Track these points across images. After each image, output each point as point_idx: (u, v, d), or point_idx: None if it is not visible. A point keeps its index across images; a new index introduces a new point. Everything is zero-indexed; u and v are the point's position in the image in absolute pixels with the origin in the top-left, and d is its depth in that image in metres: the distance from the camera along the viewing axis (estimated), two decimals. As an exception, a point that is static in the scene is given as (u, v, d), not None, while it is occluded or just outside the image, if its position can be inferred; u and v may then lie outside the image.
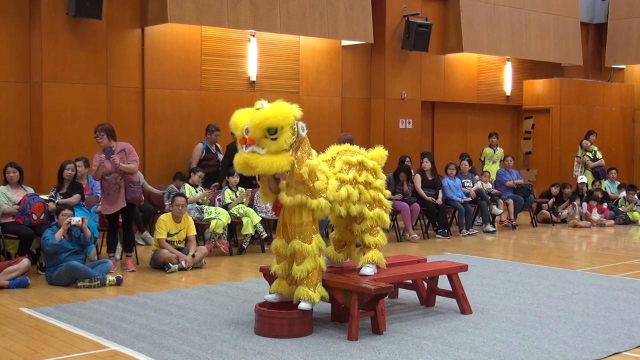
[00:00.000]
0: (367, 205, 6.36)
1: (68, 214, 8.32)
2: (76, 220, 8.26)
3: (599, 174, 15.27)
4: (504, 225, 13.69)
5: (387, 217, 6.49)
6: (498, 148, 15.03)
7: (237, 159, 5.90)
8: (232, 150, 9.95)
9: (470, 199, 12.88)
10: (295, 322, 5.96)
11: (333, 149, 6.53)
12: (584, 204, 14.24)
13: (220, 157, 11.35)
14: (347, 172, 6.26)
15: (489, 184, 13.74)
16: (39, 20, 10.50)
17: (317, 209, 5.97)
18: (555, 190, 14.66)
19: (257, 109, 5.90)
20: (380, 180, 6.52)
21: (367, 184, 6.39)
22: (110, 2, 11.11)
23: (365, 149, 6.66)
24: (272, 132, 5.74)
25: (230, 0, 11.56)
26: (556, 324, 6.47)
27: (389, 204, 6.55)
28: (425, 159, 12.61)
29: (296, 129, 5.89)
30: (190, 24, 11.69)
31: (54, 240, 8.13)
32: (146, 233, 10.79)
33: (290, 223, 6.04)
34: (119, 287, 8.07)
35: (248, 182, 10.73)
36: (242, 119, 5.94)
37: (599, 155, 15.35)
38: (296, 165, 5.90)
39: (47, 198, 9.22)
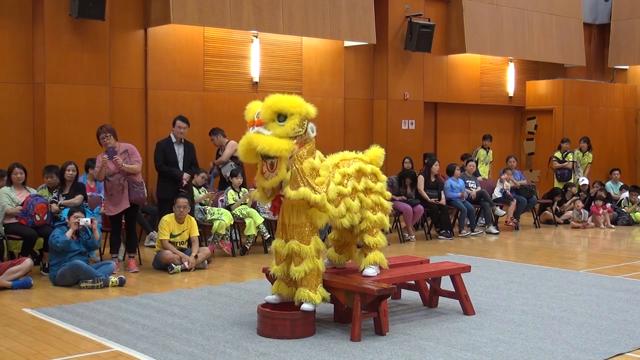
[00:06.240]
0: (370, 209, 6.37)
1: (79, 215, 8.34)
2: (84, 221, 8.27)
3: (564, 176, 15.23)
4: (511, 225, 13.60)
5: (387, 221, 6.51)
6: (490, 150, 15.13)
7: (242, 140, 5.94)
8: (162, 145, 9.81)
9: (464, 198, 12.83)
10: (297, 323, 5.96)
11: (335, 157, 6.49)
12: (584, 210, 14.25)
13: (220, 158, 11.33)
14: (345, 185, 6.23)
15: (510, 183, 13.69)
16: (41, 21, 10.52)
17: (318, 204, 5.93)
18: (557, 198, 14.68)
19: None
20: (381, 183, 6.51)
21: (368, 190, 6.39)
22: (113, 3, 11.12)
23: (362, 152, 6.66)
24: (282, 118, 5.82)
25: (232, 1, 11.57)
26: (559, 325, 6.47)
27: (389, 205, 6.55)
28: (437, 162, 12.65)
29: (306, 126, 5.92)
30: (193, 25, 11.70)
31: (65, 237, 8.14)
32: (152, 233, 10.75)
33: (289, 223, 6.04)
34: (122, 287, 8.08)
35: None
36: (257, 106, 6.03)
37: (569, 157, 15.29)
38: (298, 161, 5.91)
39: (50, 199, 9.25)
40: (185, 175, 9.69)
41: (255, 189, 6.32)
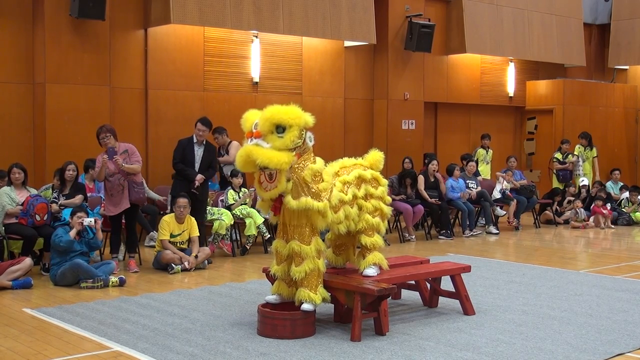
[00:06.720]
0: (369, 214, 6.38)
1: (82, 215, 8.35)
2: (88, 221, 8.29)
3: (566, 177, 15.21)
4: (513, 225, 13.59)
5: (383, 226, 6.53)
6: (489, 149, 15.15)
7: (240, 151, 5.93)
8: (183, 144, 9.82)
9: (466, 199, 12.82)
10: (297, 323, 5.96)
11: (335, 165, 6.48)
12: (582, 210, 14.26)
13: (226, 157, 11.32)
14: (346, 192, 6.23)
15: (510, 184, 13.67)
16: (42, 21, 10.52)
17: (320, 212, 5.95)
18: (557, 198, 14.69)
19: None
20: (382, 188, 6.51)
21: (368, 196, 6.40)
22: (113, 3, 11.12)
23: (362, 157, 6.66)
24: (280, 130, 5.79)
25: (233, 2, 11.57)
26: (559, 325, 6.47)
27: (389, 210, 6.56)
28: (435, 161, 12.65)
29: (304, 136, 5.91)
30: (193, 25, 11.70)
31: (68, 237, 8.15)
32: (152, 233, 10.75)
33: (289, 224, 6.05)
34: (122, 287, 8.08)
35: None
36: (254, 116, 5.98)
37: (569, 159, 15.27)
38: (298, 170, 5.91)
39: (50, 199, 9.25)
40: (199, 177, 9.66)
41: (255, 189, 6.31)
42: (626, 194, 14.98)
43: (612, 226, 14.12)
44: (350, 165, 6.48)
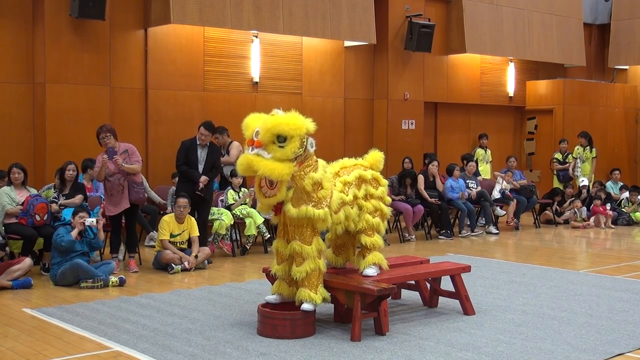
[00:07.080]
0: (369, 214, 6.39)
1: (84, 215, 8.35)
2: (90, 221, 8.30)
3: (566, 177, 15.22)
4: (511, 225, 13.59)
5: (383, 227, 6.54)
6: (488, 149, 15.17)
7: (241, 160, 5.94)
8: (186, 145, 9.86)
9: (464, 199, 12.81)
10: (297, 323, 5.96)
11: (335, 166, 6.50)
12: (584, 209, 14.26)
13: (227, 158, 11.32)
14: (347, 193, 6.25)
15: (510, 184, 13.67)
16: (42, 21, 10.52)
17: (321, 219, 5.96)
18: (557, 198, 14.69)
19: (271, 115, 5.95)
20: (382, 188, 6.52)
21: (369, 196, 6.41)
22: (113, 3, 11.12)
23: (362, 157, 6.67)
24: (281, 139, 5.78)
25: (233, 1, 11.57)
26: (559, 325, 6.47)
27: (388, 211, 6.57)
28: (435, 162, 12.64)
29: (305, 143, 5.91)
30: (193, 25, 11.70)
31: (70, 237, 8.15)
32: (152, 233, 10.76)
33: (290, 224, 6.05)
34: (122, 287, 8.08)
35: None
36: (255, 121, 5.96)
37: (569, 159, 15.29)
38: (299, 179, 5.90)
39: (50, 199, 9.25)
40: (203, 178, 9.65)
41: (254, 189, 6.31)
42: (626, 194, 14.98)
43: (612, 226, 14.12)
44: (350, 165, 6.49)
